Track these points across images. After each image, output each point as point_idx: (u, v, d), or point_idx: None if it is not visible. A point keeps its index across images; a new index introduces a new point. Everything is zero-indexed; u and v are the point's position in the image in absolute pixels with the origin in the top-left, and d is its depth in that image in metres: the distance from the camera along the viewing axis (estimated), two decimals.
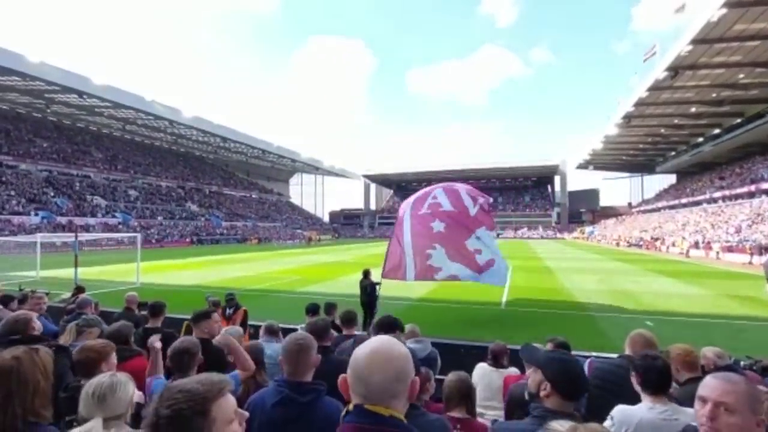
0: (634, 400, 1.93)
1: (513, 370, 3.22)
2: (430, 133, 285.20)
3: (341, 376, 1.01)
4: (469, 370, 3.42)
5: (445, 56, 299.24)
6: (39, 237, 18.84)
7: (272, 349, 3.43)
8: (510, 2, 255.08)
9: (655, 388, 1.87)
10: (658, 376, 1.87)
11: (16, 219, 38.09)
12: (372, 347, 0.97)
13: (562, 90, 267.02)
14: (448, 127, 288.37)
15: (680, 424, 1.68)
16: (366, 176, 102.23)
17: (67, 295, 7.48)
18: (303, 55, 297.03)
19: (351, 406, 0.98)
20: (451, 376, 2.40)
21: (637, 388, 1.94)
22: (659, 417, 1.77)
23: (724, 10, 24.18)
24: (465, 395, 2.31)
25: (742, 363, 3.32)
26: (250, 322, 5.81)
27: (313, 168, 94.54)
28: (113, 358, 2.24)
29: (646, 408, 1.83)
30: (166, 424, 0.86)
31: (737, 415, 1.15)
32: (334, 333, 4.05)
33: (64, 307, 5.67)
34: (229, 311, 5.88)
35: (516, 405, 2.16)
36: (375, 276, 8.72)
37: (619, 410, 1.87)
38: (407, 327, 3.67)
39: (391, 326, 3.10)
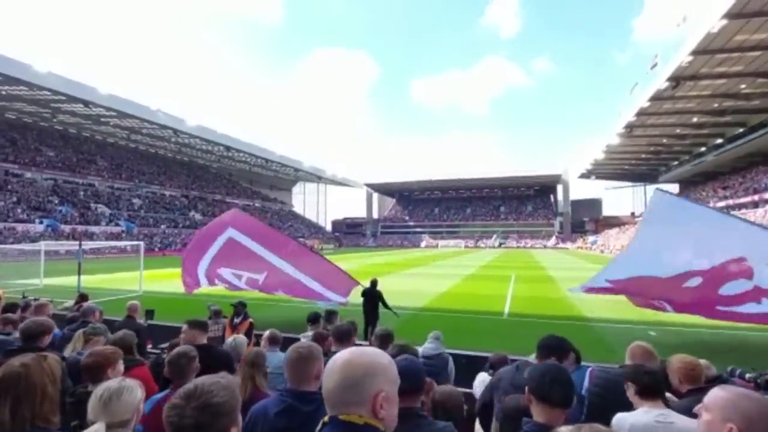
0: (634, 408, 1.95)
1: None
2: (432, 141, 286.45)
3: None
4: (472, 381, 3.42)
5: (448, 67, 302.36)
6: (43, 245, 18.93)
7: (278, 358, 3.44)
8: (512, 14, 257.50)
9: (649, 393, 1.91)
10: (651, 381, 1.94)
11: (20, 227, 38.33)
12: (339, 354, 1.01)
13: (564, 100, 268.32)
14: (450, 136, 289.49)
15: (675, 428, 1.70)
16: (368, 185, 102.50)
17: (70, 303, 7.51)
18: (307, 65, 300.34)
19: (327, 418, 0.99)
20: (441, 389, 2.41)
21: (632, 398, 1.97)
22: (654, 420, 1.79)
23: (725, 21, 24.38)
24: (449, 411, 2.22)
25: (747, 375, 3.30)
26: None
27: (316, 177, 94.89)
28: (120, 365, 2.26)
29: (641, 412, 1.87)
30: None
31: (709, 413, 1.24)
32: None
33: (66, 315, 5.69)
34: (236, 320, 5.84)
35: (509, 417, 2.05)
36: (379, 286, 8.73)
37: (616, 417, 1.91)
38: (432, 333, 3.90)
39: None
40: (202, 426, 1.04)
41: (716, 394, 1.24)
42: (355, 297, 9.02)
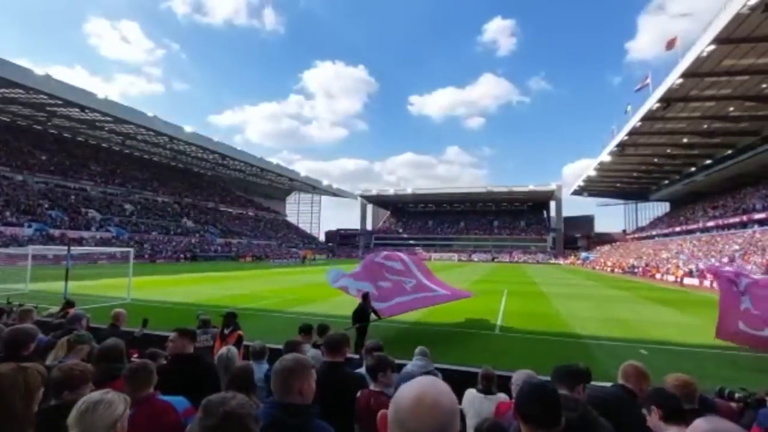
0: (628, 429, 1.93)
1: (502, 396, 3.17)
2: (428, 155, 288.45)
3: (381, 412, 0.97)
4: (460, 396, 3.39)
5: (446, 83, 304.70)
6: (31, 249, 18.64)
7: (263, 371, 3.40)
8: (507, 34, 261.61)
9: (675, 418, 1.94)
10: (677, 405, 1.99)
11: (8, 230, 37.69)
12: (419, 390, 0.89)
13: (559, 118, 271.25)
14: (446, 150, 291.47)
15: None
16: (363, 196, 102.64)
17: (55, 309, 7.36)
18: (302, 80, 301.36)
19: None
20: None
21: (655, 423, 1.99)
22: None
23: (713, 46, 25.08)
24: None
25: (736, 395, 3.30)
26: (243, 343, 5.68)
27: (311, 187, 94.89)
28: (86, 389, 2.08)
29: None
30: None
31: None
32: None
33: (51, 322, 5.57)
34: (226, 331, 5.72)
35: None
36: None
37: None
38: (418, 348, 3.76)
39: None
40: (231, 418, 1.23)
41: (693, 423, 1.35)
42: (347, 309, 8.97)
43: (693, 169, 52.21)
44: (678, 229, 53.81)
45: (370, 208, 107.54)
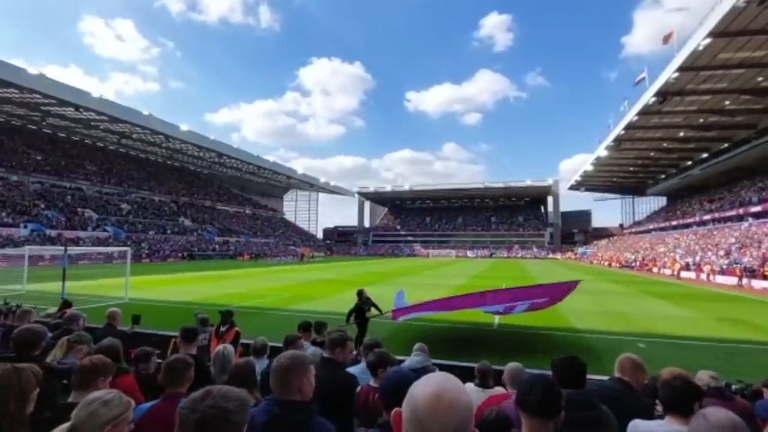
0: (626, 422, 1.93)
1: (499, 390, 3.19)
2: (425, 152, 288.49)
3: (395, 410, 0.95)
4: None
5: (442, 79, 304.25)
6: (27, 250, 18.57)
7: (262, 368, 3.40)
8: (504, 29, 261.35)
9: (672, 408, 1.92)
10: (672, 396, 1.97)
11: (4, 231, 37.49)
12: (438, 388, 0.87)
13: (555, 114, 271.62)
14: (444, 146, 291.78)
15: None
16: (360, 194, 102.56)
17: (53, 309, 7.34)
18: (301, 75, 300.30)
19: None
20: None
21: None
22: (658, 426, 1.81)
23: (709, 40, 25.09)
24: None
25: (733, 387, 3.34)
26: (240, 340, 5.68)
27: (308, 185, 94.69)
28: (108, 381, 2.19)
29: (655, 423, 1.88)
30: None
31: None
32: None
33: (48, 322, 5.55)
34: (222, 329, 5.72)
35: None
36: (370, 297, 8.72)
37: (632, 423, 1.91)
38: (417, 344, 3.83)
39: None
40: (206, 425, 1.07)
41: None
42: (345, 307, 8.99)
43: (689, 163, 52.36)
44: (674, 223, 54.01)
45: (367, 205, 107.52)
